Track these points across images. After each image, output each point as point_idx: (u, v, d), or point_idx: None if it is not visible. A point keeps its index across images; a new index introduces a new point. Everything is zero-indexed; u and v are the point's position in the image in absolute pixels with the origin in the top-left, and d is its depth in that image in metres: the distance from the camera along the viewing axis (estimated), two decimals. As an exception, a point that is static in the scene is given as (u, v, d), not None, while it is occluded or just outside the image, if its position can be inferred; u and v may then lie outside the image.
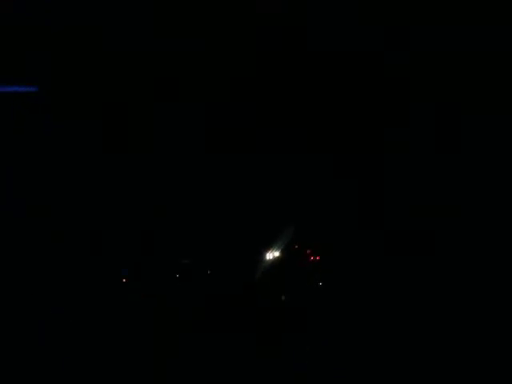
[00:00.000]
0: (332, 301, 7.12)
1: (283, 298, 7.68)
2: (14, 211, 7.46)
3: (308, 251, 8.29)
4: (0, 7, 6.16)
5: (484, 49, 6.23)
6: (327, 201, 7.57)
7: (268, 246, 8.56)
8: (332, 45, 6.58)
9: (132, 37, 6.58)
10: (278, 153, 7.51)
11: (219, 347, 5.93)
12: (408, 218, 7.09)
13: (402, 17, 6.24)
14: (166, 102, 7.34)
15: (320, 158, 7.50)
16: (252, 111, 7.29)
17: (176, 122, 7.47)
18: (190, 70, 7.04)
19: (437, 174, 6.98)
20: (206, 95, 7.25)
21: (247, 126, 7.35)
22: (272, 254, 8.88)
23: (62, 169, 7.57)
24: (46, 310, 6.54)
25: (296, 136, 7.37)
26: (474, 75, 6.45)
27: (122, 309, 7.15)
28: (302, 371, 5.39)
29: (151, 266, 8.32)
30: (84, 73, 7.07)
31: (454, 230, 6.82)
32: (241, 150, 7.53)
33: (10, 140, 7.18)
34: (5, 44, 6.45)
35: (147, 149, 7.69)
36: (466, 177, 6.75)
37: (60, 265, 7.77)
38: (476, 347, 5.60)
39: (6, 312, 6.29)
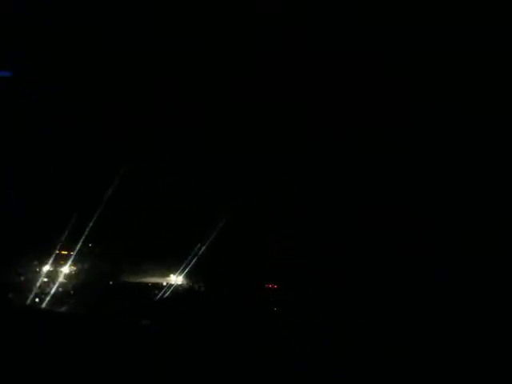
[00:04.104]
0: (330, 302, 7.12)
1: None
2: (13, 210, 7.47)
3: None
4: (0, 7, 6.16)
5: (484, 49, 6.22)
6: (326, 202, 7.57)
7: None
8: (332, 45, 6.57)
9: (132, 37, 6.58)
10: (278, 153, 7.51)
11: (219, 347, 5.92)
12: (407, 217, 7.10)
13: (402, 17, 6.23)
14: (166, 101, 7.34)
15: (320, 158, 7.50)
16: (252, 111, 7.28)
17: (176, 121, 7.47)
18: (189, 70, 7.04)
19: (436, 173, 6.98)
20: (206, 95, 7.24)
21: (247, 126, 7.35)
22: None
23: (62, 168, 7.58)
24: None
25: (296, 136, 7.36)
26: (474, 75, 6.44)
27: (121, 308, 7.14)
28: (301, 371, 5.38)
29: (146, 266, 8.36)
30: (84, 73, 7.07)
31: (452, 230, 6.83)
32: (240, 149, 7.53)
33: (10, 139, 7.19)
34: (6, 43, 6.46)
35: (147, 148, 7.70)
36: (466, 176, 6.75)
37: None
38: (466, 346, 5.61)
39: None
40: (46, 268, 7.89)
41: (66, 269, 8.06)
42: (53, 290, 7.61)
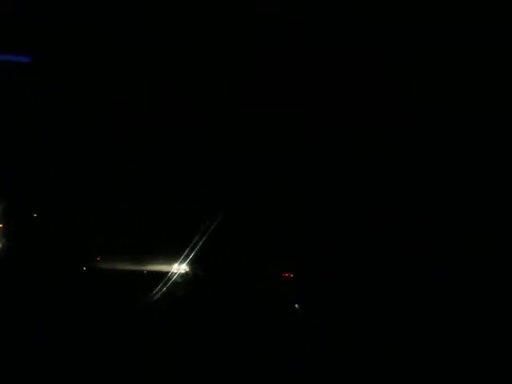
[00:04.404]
0: (330, 302, 7.13)
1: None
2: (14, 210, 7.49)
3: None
4: (0, 7, 6.16)
5: (484, 49, 6.22)
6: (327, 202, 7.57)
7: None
8: (332, 45, 6.57)
9: (132, 37, 6.58)
10: (278, 153, 7.52)
11: (219, 347, 5.93)
12: (407, 217, 7.10)
13: (402, 17, 6.24)
14: (166, 101, 7.35)
15: (320, 158, 7.50)
16: (252, 111, 7.28)
17: (176, 121, 7.47)
18: (190, 70, 7.04)
19: (436, 173, 6.98)
20: (206, 95, 7.25)
21: (247, 126, 7.35)
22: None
23: (62, 168, 7.59)
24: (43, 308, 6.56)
25: (296, 136, 7.37)
26: (474, 75, 6.45)
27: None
28: (301, 371, 5.40)
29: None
30: (84, 73, 7.08)
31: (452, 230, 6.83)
32: (240, 149, 7.53)
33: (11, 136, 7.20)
34: (8, 44, 6.47)
35: (147, 148, 7.71)
36: (466, 176, 6.75)
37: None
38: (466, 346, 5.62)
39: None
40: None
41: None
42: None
